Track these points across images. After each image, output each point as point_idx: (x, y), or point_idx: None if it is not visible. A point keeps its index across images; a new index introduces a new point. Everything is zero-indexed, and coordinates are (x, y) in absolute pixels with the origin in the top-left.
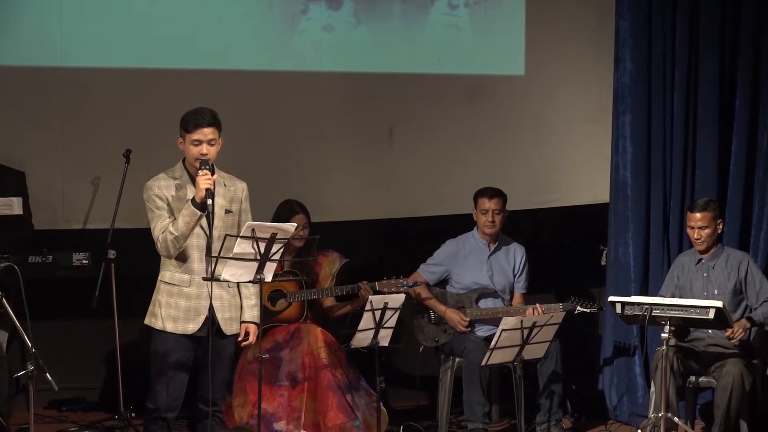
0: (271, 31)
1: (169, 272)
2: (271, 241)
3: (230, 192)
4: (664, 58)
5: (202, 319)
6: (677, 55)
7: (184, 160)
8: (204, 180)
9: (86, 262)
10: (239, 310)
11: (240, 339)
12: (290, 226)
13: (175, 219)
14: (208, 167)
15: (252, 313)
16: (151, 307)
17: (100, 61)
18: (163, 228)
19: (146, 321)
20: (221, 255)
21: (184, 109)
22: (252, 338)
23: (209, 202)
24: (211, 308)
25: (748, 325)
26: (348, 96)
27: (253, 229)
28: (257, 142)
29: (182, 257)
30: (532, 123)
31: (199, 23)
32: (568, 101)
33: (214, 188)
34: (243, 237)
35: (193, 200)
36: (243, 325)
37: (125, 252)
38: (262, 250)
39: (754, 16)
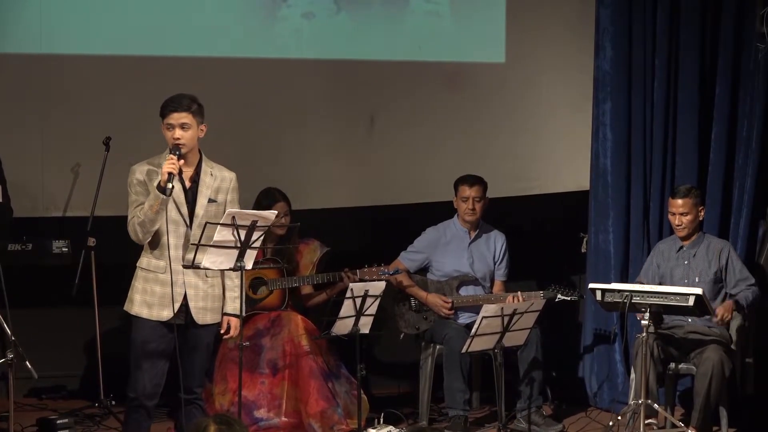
0: (252, 18)
1: (146, 258)
2: (252, 228)
3: (216, 182)
4: (645, 45)
5: (176, 306)
6: (658, 42)
7: None
8: (167, 164)
9: (66, 249)
10: (218, 301)
11: (222, 331)
12: (271, 214)
13: None
14: (177, 153)
15: (234, 305)
16: (129, 293)
17: (80, 48)
18: (134, 213)
19: (125, 307)
20: (200, 243)
21: (165, 97)
22: (233, 332)
23: (170, 185)
24: (185, 296)
25: (734, 306)
26: (329, 83)
27: (233, 217)
28: (238, 130)
29: (158, 244)
30: (513, 110)
31: (180, 10)
32: (549, 88)
33: (197, 176)
34: (223, 224)
35: (158, 185)
36: (225, 317)
37: (105, 240)
38: (243, 238)
39: (734, 4)
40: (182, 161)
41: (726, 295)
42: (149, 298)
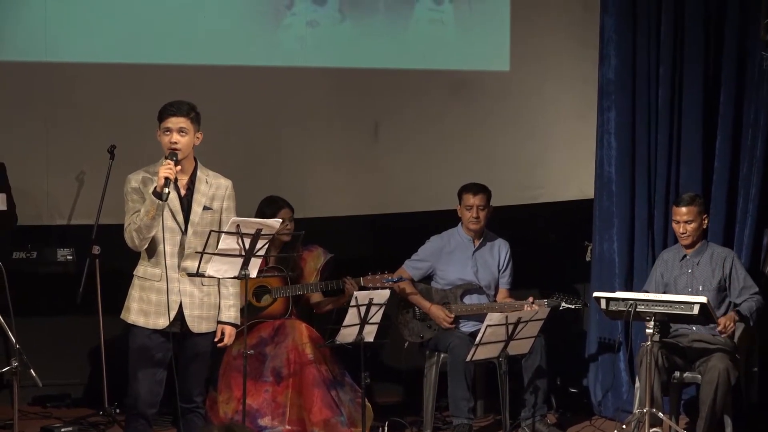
0: (256, 26)
1: (143, 267)
2: (256, 236)
3: (212, 189)
4: (649, 54)
5: (172, 314)
6: (662, 51)
7: None
8: (164, 169)
9: (71, 257)
10: (213, 309)
11: (216, 339)
12: (275, 222)
13: None
14: (173, 158)
15: (228, 313)
16: (126, 302)
17: (84, 56)
18: (130, 220)
19: (122, 315)
20: (204, 251)
21: None
22: (227, 339)
23: (166, 191)
24: (180, 305)
25: (737, 317)
26: (333, 91)
27: (237, 225)
28: (242, 138)
29: (154, 252)
30: (517, 118)
31: (185, 18)
32: (554, 97)
33: (192, 184)
34: (228, 233)
35: (154, 190)
36: (219, 325)
37: (110, 248)
38: (247, 246)
39: (739, 13)
40: (179, 167)
41: (730, 304)
42: (145, 306)
